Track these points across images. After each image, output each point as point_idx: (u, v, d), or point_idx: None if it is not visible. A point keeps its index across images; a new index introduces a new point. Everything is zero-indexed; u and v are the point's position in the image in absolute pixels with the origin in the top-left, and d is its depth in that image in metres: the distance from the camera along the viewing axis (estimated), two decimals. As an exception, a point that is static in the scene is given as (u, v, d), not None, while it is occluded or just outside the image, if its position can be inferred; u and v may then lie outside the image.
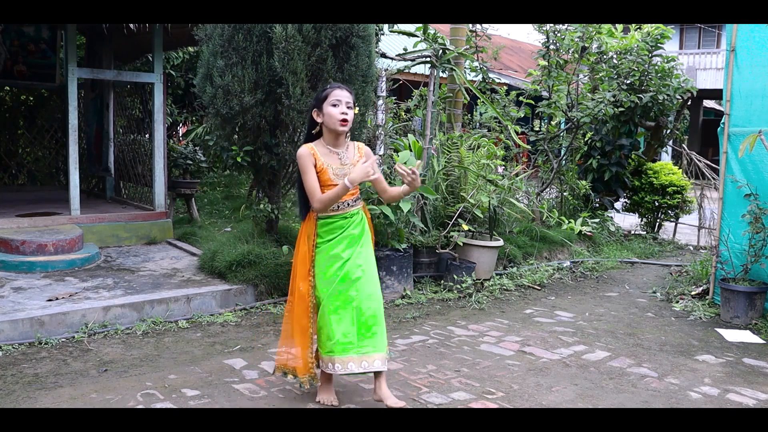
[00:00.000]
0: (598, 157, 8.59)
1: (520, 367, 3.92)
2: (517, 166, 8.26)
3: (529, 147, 9.55)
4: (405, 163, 5.56)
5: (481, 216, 6.21)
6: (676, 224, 9.31)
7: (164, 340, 4.19)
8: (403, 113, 7.96)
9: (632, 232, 9.05)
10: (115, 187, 8.07)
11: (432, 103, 6.48)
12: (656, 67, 8.41)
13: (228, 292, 4.95)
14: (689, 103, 11.44)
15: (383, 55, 6.96)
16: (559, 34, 8.28)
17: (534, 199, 7.90)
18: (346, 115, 3.15)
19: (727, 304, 5.07)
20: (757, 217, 4.99)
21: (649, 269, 7.11)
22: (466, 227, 5.83)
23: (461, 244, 5.86)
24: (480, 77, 8.18)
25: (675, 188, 8.76)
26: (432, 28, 6.60)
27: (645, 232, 9.08)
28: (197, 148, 8.08)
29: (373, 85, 5.53)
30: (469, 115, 9.20)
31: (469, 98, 7.32)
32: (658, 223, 9.22)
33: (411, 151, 6.15)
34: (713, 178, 8.91)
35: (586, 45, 8.31)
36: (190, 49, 9.92)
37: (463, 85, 6.93)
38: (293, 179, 5.66)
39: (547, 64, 8.34)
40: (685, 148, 10.41)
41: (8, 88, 8.94)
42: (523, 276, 6.22)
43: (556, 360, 4.06)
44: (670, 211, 9.06)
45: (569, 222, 6.28)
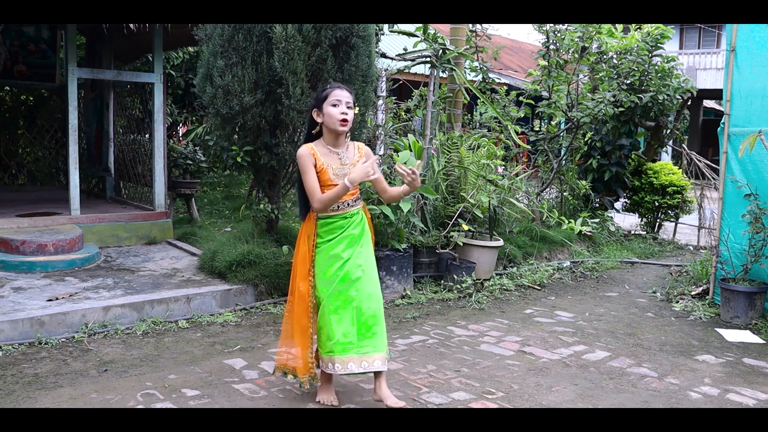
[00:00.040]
0: (598, 157, 8.59)
1: (520, 367, 3.92)
2: (517, 166, 8.26)
3: (529, 147, 9.55)
4: (405, 163, 5.56)
5: (481, 216, 6.21)
6: (676, 224, 9.31)
7: (164, 340, 4.20)
8: (403, 113, 7.96)
9: (632, 232, 9.05)
10: (115, 187, 8.07)
11: (432, 103, 6.48)
12: (656, 67, 8.41)
13: (228, 292, 4.95)
14: (689, 103, 11.43)
15: (383, 55, 6.96)
16: (559, 34, 8.28)
17: (534, 199, 7.89)
18: (346, 115, 3.15)
19: (727, 304, 5.07)
20: (757, 217, 4.99)
21: (649, 269, 7.11)
22: (466, 227, 5.83)
23: (461, 244, 5.86)
24: (480, 77, 8.18)
25: (675, 188, 8.76)
26: (432, 28, 6.60)
27: (645, 232, 9.08)
28: (197, 148, 8.08)
29: (373, 85, 5.53)
30: (469, 115, 9.20)
31: (469, 98, 7.32)
32: (658, 223, 9.22)
33: (411, 151, 6.15)
34: (713, 178, 8.91)
35: (586, 45, 8.31)
36: (190, 49, 9.92)
37: (463, 85, 6.93)
38: (293, 179, 5.66)
39: (547, 64, 8.34)
40: (685, 148, 10.40)
41: (8, 88, 8.94)
42: (523, 276, 6.22)
43: (556, 360, 4.06)
44: (670, 211, 9.06)
45: (569, 222, 6.28)
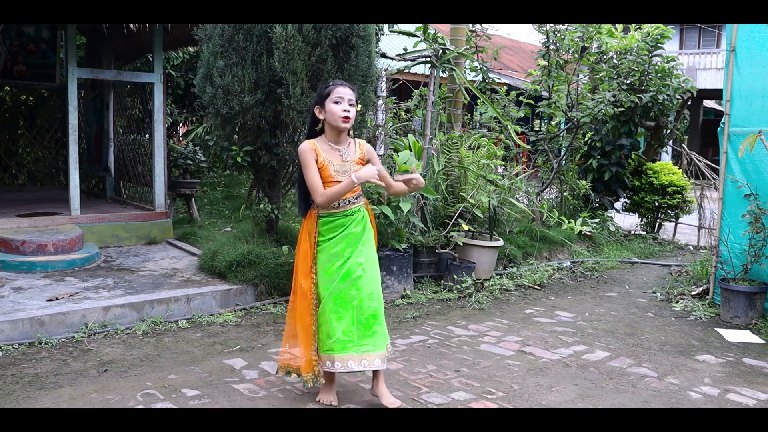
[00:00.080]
0: (598, 157, 8.59)
1: (520, 367, 3.92)
2: (517, 166, 8.27)
3: (529, 147, 9.55)
4: (405, 163, 5.57)
5: (481, 216, 6.21)
6: (676, 224, 9.31)
7: (164, 340, 4.20)
8: (403, 113, 7.96)
9: (632, 232, 9.05)
10: (115, 187, 8.07)
11: (432, 103, 6.48)
12: (656, 67, 8.41)
13: (228, 292, 4.95)
14: (689, 103, 11.44)
15: (383, 55, 6.96)
16: (559, 34, 8.29)
17: (534, 199, 7.89)
18: (348, 113, 3.15)
19: (727, 304, 5.07)
20: (757, 217, 4.99)
21: (649, 269, 7.11)
22: (466, 227, 5.83)
23: (461, 244, 5.86)
24: (480, 77, 8.18)
25: (675, 188, 8.76)
26: (432, 28, 6.60)
27: (645, 232, 9.08)
28: (197, 148, 8.07)
29: (373, 85, 5.53)
30: (469, 115, 9.20)
31: (469, 98, 7.32)
32: (658, 223, 9.22)
33: (411, 151, 6.15)
34: (713, 178, 8.91)
35: (586, 45, 8.31)
36: (190, 49, 9.91)
37: (463, 85, 6.93)
38: (293, 179, 5.66)
39: (547, 64, 8.34)
40: (685, 148, 10.41)
41: (8, 88, 8.93)
42: (523, 276, 6.22)
43: (556, 360, 4.06)
44: (670, 211, 9.06)
45: (569, 222, 6.28)
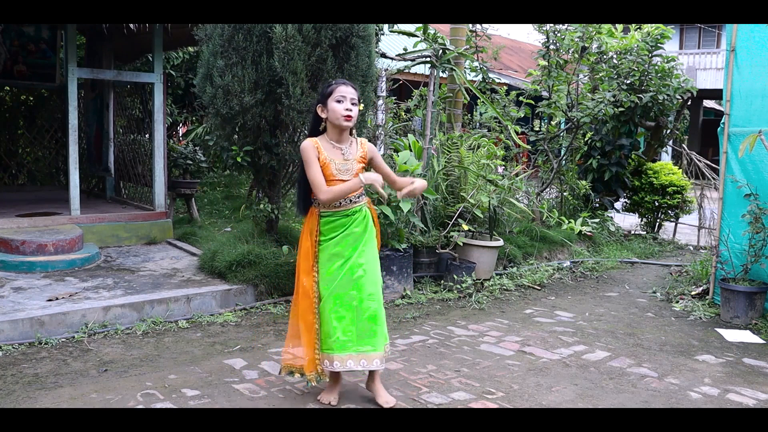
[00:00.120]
0: (598, 157, 8.59)
1: (520, 367, 3.92)
2: (517, 166, 8.27)
3: (529, 147, 9.55)
4: (405, 163, 5.58)
5: (481, 216, 6.21)
6: (676, 224, 9.31)
7: (164, 340, 4.20)
8: (403, 113, 7.96)
9: (632, 232, 9.05)
10: (115, 187, 8.07)
11: (432, 103, 6.48)
12: (656, 67, 8.41)
13: (228, 292, 4.95)
14: (689, 103, 11.43)
15: (383, 55, 6.96)
16: (559, 34, 8.29)
17: (534, 199, 7.90)
18: (351, 111, 3.15)
19: (727, 304, 5.07)
20: (757, 217, 4.99)
21: (649, 269, 7.11)
22: (466, 227, 5.83)
23: (461, 244, 5.86)
24: (480, 77, 8.18)
25: (675, 188, 8.76)
26: (432, 28, 6.60)
27: (645, 232, 9.08)
28: (197, 148, 8.07)
29: (373, 85, 5.53)
30: (469, 115, 9.21)
31: (469, 98, 7.32)
32: (658, 223, 9.22)
33: (411, 151, 6.15)
34: (713, 178, 8.91)
35: (586, 45, 8.31)
36: (190, 49, 9.92)
37: (463, 85, 6.93)
38: (293, 179, 5.66)
39: (547, 64, 8.34)
40: (685, 148, 10.41)
41: (8, 88, 8.94)
42: (523, 276, 6.22)
43: (556, 360, 4.06)
44: (670, 211, 9.06)
45: (569, 222, 6.28)
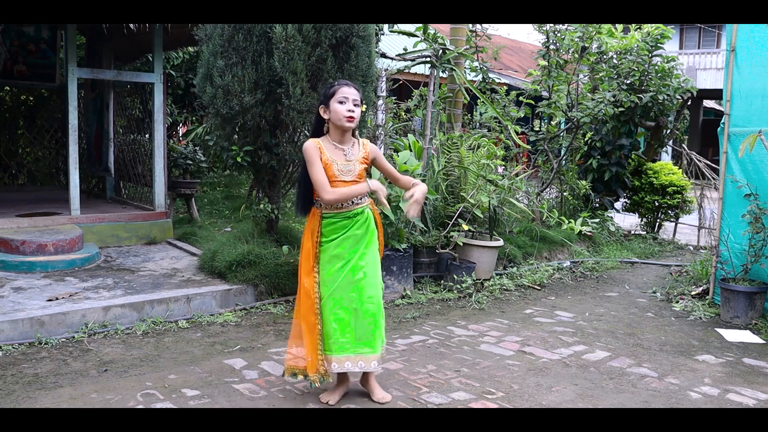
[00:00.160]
0: (598, 157, 8.59)
1: (520, 367, 3.92)
2: (517, 166, 8.27)
3: (529, 147, 9.55)
4: (405, 163, 5.58)
5: (481, 216, 6.21)
6: (676, 224, 9.31)
7: (164, 340, 4.20)
8: (403, 113, 7.96)
9: (632, 232, 9.05)
10: (115, 187, 8.07)
11: (432, 103, 6.48)
12: (656, 67, 8.41)
13: (228, 292, 4.95)
14: (689, 103, 11.43)
15: (383, 55, 6.96)
16: (559, 34, 8.29)
17: (534, 199, 7.90)
18: (353, 113, 3.15)
19: (727, 304, 5.07)
20: (757, 217, 4.99)
21: (649, 269, 7.11)
22: (466, 227, 5.83)
23: (461, 244, 5.86)
24: (480, 77, 8.18)
25: (675, 188, 8.76)
26: (432, 28, 6.60)
27: (645, 232, 9.08)
28: (197, 148, 8.07)
29: (373, 85, 5.53)
30: (469, 115, 9.21)
31: (469, 98, 7.32)
32: (658, 223, 9.22)
33: (411, 151, 6.15)
34: (713, 178, 8.91)
35: (586, 45, 8.31)
36: (190, 49, 9.92)
37: (463, 85, 6.93)
38: (293, 179, 5.66)
39: (547, 64, 8.34)
40: (685, 148, 10.41)
41: (8, 88, 8.94)
42: (523, 276, 6.22)
43: (556, 360, 4.06)
44: (670, 211, 9.06)
45: (569, 222, 6.28)
